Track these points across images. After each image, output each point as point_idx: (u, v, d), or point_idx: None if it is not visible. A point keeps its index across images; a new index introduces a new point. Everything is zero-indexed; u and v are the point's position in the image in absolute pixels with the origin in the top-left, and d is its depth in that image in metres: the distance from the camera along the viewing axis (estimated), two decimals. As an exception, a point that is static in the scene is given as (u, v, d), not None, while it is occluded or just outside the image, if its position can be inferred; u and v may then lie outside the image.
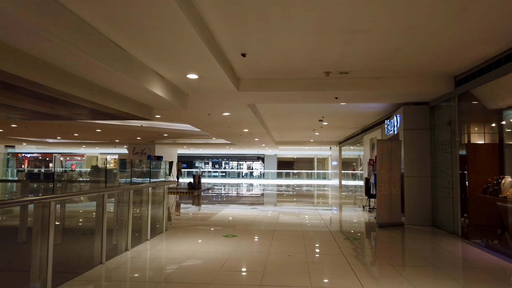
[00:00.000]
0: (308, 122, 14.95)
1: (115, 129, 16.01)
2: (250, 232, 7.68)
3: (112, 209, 6.23)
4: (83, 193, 6.44)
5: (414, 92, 8.12)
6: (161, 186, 7.57)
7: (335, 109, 11.69)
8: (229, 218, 9.67)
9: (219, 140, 25.47)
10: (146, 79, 6.06)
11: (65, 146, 31.40)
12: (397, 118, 9.73)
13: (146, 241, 6.64)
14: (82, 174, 30.39)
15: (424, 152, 8.93)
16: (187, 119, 12.64)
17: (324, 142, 24.86)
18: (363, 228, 8.61)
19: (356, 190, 19.78)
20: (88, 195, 5.76)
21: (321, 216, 10.16)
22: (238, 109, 10.37)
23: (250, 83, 7.92)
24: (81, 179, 28.43)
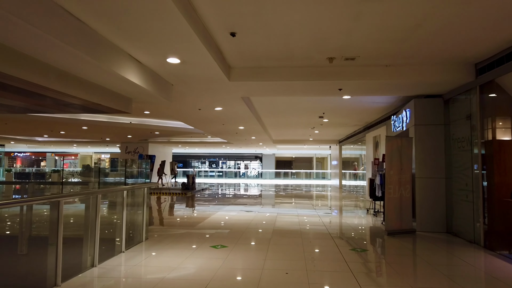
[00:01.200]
0: (307, 119, 14.01)
1: (102, 126, 15.05)
2: (243, 240, 6.73)
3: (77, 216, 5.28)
4: (23, 201, 5.15)
5: (427, 83, 7.18)
6: (140, 188, 6.62)
7: (337, 104, 10.75)
8: (222, 223, 8.72)
9: (215, 139, 24.54)
10: (117, 63, 5.11)
11: (56, 145, 30.39)
12: (407, 113, 8.80)
13: (120, 253, 5.69)
14: (73, 174, 29.40)
15: (438, 150, 8.00)
16: (177, 115, 11.69)
17: (324, 140, 23.94)
18: (370, 236, 7.68)
19: (357, 191, 18.86)
20: (34, 203, 4.71)
21: (322, 220, 9.23)
22: (231, 103, 9.42)
23: (243, 72, 6.98)
24: (73, 179, 27.41)
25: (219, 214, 10.32)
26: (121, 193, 5.76)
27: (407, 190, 7.79)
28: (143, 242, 6.49)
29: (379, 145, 13.73)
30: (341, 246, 6.31)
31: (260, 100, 10.17)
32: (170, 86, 7.26)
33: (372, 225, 8.84)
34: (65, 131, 17.57)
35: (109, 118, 14.64)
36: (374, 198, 10.66)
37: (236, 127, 14.80)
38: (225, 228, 8.02)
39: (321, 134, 20.17)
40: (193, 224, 8.64)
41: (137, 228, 6.52)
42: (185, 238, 6.95)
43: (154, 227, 8.24)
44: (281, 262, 5.34)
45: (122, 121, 14.99)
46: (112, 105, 6.21)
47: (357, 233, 7.85)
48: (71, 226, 6.42)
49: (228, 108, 10.09)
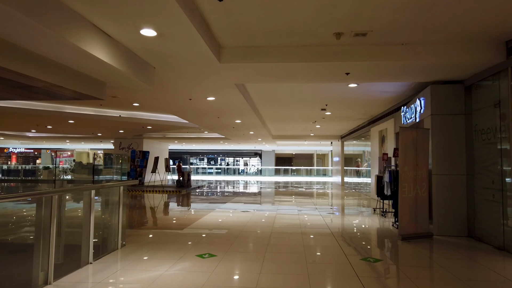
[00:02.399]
0: (309, 112, 13.05)
1: (89, 119, 14.10)
2: (236, 247, 5.79)
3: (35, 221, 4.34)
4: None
5: (449, 65, 6.22)
6: (115, 187, 5.67)
7: (341, 94, 9.79)
8: (214, 225, 7.78)
9: (212, 134, 23.60)
10: (78, 34, 4.15)
11: (49, 141, 29.44)
12: (421, 102, 7.84)
13: (87, 265, 4.75)
14: (66, 170, 28.49)
15: (458, 144, 7.05)
16: (167, 106, 10.73)
17: (325, 136, 22.99)
18: (382, 241, 6.73)
19: (361, 189, 17.92)
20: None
21: (325, 221, 8.30)
22: (224, 92, 8.46)
23: (236, 52, 6.01)
24: (64, 176, 26.50)
25: (213, 214, 9.38)
26: (88, 193, 4.81)
27: (423, 188, 6.85)
28: (118, 250, 5.55)
29: (385, 139, 12.78)
30: (350, 255, 5.37)
31: (257, 89, 9.21)
32: (152, 69, 6.29)
33: (382, 227, 7.90)
34: (52, 126, 16.61)
35: (96, 111, 13.70)
36: (382, 197, 9.71)
37: (233, 120, 13.84)
38: (217, 231, 7.08)
39: (323, 129, 19.22)
40: (182, 226, 7.70)
41: (111, 234, 5.58)
42: (170, 244, 6.01)
43: (137, 231, 7.31)
44: (279, 277, 4.40)
45: (110, 114, 14.05)
46: (80, 89, 5.25)
47: (366, 237, 6.92)
48: (26, 231, 5.48)
49: (221, 97, 9.13)
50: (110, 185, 5.54)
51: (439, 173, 7.05)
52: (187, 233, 7.00)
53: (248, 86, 8.78)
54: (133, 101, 11.54)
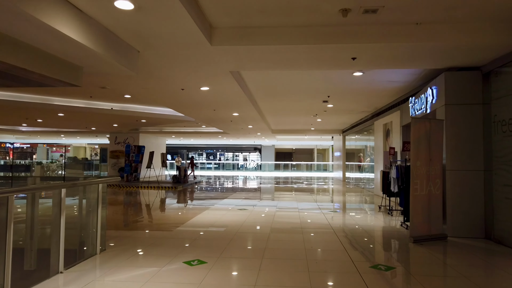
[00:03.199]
0: (310, 105, 12.39)
1: (79, 112, 13.44)
2: (229, 252, 5.18)
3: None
4: None
5: (466, 48, 5.56)
6: (93, 185, 5.03)
7: (345, 85, 9.13)
8: (208, 224, 7.17)
9: (210, 129, 22.96)
10: (38, 5, 3.49)
11: (44, 135, 28.80)
12: (433, 92, 7.19)
13: (56, 275, 4.13)
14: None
15: (474, 136, 6.41)
16: (160, 98, 10.07)
17: (327, 130, 22.34)
18: (391, 244, 6.12)
19: (363, 184, 17.31)
20: None
21: (328, 220, 7.68)
22: (219, 81, 7.81)
23: (229, 33, 5.36)
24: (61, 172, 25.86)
25: (208, 212, 8.76)
26: (57, 192, 4.17)
27: (436, 185, 6.22)
28: (96, 255, 4.93)
29: (390, 133, 12.14)
30: (358, 261, 4.75)
31: (254, 78, 8.55)
32: (135, 53, 5.63)
33: (389, 227, 7.29)
34: (42, 119, 15.95)
35: (86, 103, 13.05)
36: (389, 194, 9.10)
37: (230, 113, 13.19)
38: (210, 233, 6.47)
39: (324, 123, 18.57)
40: (173, 226, 7.08)
41: (89, 238, 4.95)
42: (156, 248, 5.39)
43: (123, 232, 6.69)
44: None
45: (102, 107, 13.39)
46: (50, 73, 4.60)
47: (374, 239, 6.30)
48: None
49: (216, 87, 8.47)
50: (84, 183, 4.91)
51: (454, 169, 6.42)
52: (178, 234, 6.38)
53: (244, 75, 8.13)
54: (124, 93, 10.89)
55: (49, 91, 11.20)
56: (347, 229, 7.00)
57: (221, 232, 6.55)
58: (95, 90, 10.72)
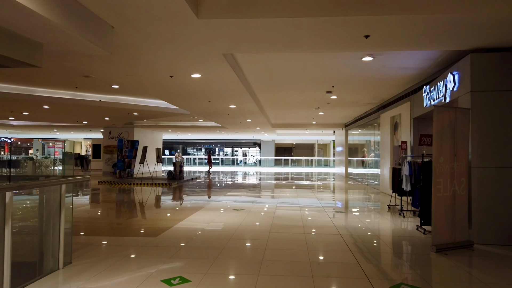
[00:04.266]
0: (312, 96, 11.50)
1: (65, 104, 12.56)
2: (219, 266, 4.33)
3: None
4: None
5: (500, 22, 4.69)
6: (54, 187, 4.16)
7: (352, 72, 8.25)
8: (197, 229, 6.32)
9: (208, 123, 22.12)
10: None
11: (36, 130, 27.94)
12: (454, 77, 6.32)
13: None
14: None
15: (506, 128, 5.55)
16: (147, 87, 9.19)
17: (328, 124, 21.47)
18: (410, 254, 5.26)
19: (366, 180, 16.47)
20: None
21: (334, 223, 6.83)
22: (211, 66, 6.93)
23: (219, 3, 4.47)
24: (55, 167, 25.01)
25: (200, 213, 7.92)
26: (2, 195, 3.31)
27: (462, 185, 5.36)
28: (59, 270, 4.08)
29: (398, 126, 11.28)
30: (376, 279, 3.90)
31: (251, 65, 7.66)
32: (108, 28, 4.74)
33: (404, 231, 6.44)
34: (27, 112, 15.06)
35: (72, 95, 12.17)
36: (400, 192, 8.26)
37: (226, 105, 12.31)
38: (199, 239, 5.62)
39: (326, 117, 17.70)
40: (158, 230, 6.23)
41: (48, 250, 4.10)
42: (133, 260, 4.54)
43: (101, 238, 5.85)
44: (277, 323, 2.93)
45: (89, 99, 12.51)
46: (2, 51, 3.73)
47: (389, 247, 5.45)
48: None
49: (209, 74, 7.60)
50: (36, 184, 4.04)
51: (480, 166, 5.56)
52: (162, 241, 5.53)
53: (240, 60, 7.24)
54: (110, 82, 10.01)
55: (30, 81, 10.32)
56: (356, 233, 6.15)
57: (212, 238, 5.71)
58: (80, 80, 9.85)
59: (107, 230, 6.45)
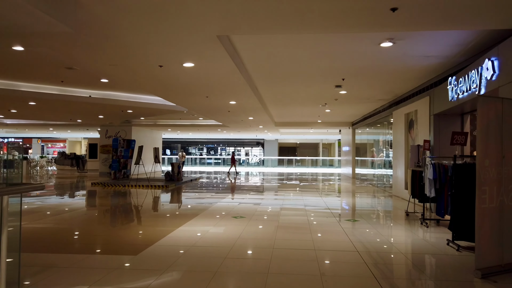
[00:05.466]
0: (319, 91, 10.51)
1: (53, 101, 11.64)
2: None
3: None
4: None
5: None
6: None
7: (366, 62, 7.25)
8: (186, 245, 5.35)
9: (208, 121, 21.19)
10: None
11: (32, 128, 27.07)
12: (493, 64, 5.31)
13: None
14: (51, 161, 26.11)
15: (562, 124, 4.53)
16: (137, 79, 8.24)
17: (335, 123, 20.47)
18: (448, 278, 4.25)
19: (376, 182, 15.46)
20: None
21: (349, 236, 5.84)
22: (205, 53, 5.96)
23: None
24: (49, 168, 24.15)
25: (193, 223, 6.95)
26: None
27: (510, 194, 4.35)
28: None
29: (414, 124, 10.27)
30: (415, 324, 2.91)
31: (252, 54, 6.66)
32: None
33: (433, 247, 5.43)
34: (14, 109, 14.15)
35: (59, 90, 11.25)
36: (421, 198, 7.26)
37: (226, 101, 11.34)
38: (187, 258, 4.65)
39: (333, 115, 16.70)
40: (140, 246, 5.26)
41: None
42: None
43: (64, 257, 4.87)
44: None
45: (78, 94, 11.58)
46: None
47: (421, 271, 4.45)
48: None
49: (203, 63, 6.62)
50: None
51: (531, 170, 4.55)
52: (141, 262, 4.55)
53: (239, 46, 6.24)
54: (98, 75, 9.09)
55: (11, 75, 9.41)
56: (376, 250, 5.16)
57: (204, 257, 4.74)
58: (64, 73, 8.93)
59: (80, 246, 5.47)
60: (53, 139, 43.48)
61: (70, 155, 23.58)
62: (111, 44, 5.57)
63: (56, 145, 44.86)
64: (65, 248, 5.22)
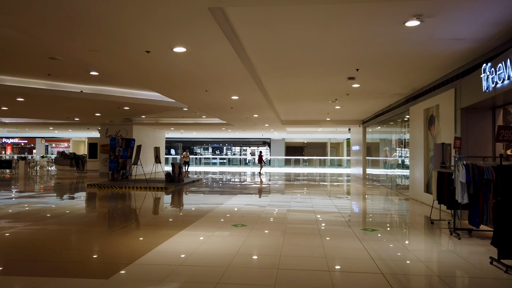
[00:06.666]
0: (330, 84, 9.53)
1: (41, 96, 10.82)
2: None
3: None
4: None
5: None
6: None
7: (385, 47, 6.28)
8: (172, 264, 4.43)
9: (212, 120, 20.33)
10: None
11: (32, 128, 26.42)
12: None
13: None
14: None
15: None
16: (121, 68, 7.32)
17: (344, 121, 19.48)
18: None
19: (389, 183, 14.43)
20: None
21: (369, 252, 4.88)
22: (196, 33, 5.03)
23: None
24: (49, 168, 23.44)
25: (185, 233, 6.03)
26: None
27: None
28: None
29: (435, 120, 9.27)
30: None
31: (252, 34, 5.70)
32: None
33: (473, 266, 4.45)
34: (4, 106, 13.36)
35: (48, 85, 10.42)
36: (450, 205, 6.27)
37: (227, 96, 10.41)
38: (168, 285, 3.73)
39: (343, 112, 15.70)
40: (113, 267, 4.35)
41: None
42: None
43: (22, 280, 3.98)
44: None
45: (68, 89, 10.74)
46: None
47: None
48: None
49: (195, 48, 5.69)
50: None
51: None
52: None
53: (236, 25, 5.29)
54: (86, 68, 8.23)
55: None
56: (403, 271, 4.20)
57: (191, 281, 3.81)
58: (49, 65, 8.11)
59: (43, 264, 4.52)
60: (57, 139, 42.96)
61: (70, 155, 22.81)
62: (87, 23, 4.67)
63: (60, 145, 44.31)
64: (23, 267, 4.31)
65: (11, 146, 46.06)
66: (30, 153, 45.18)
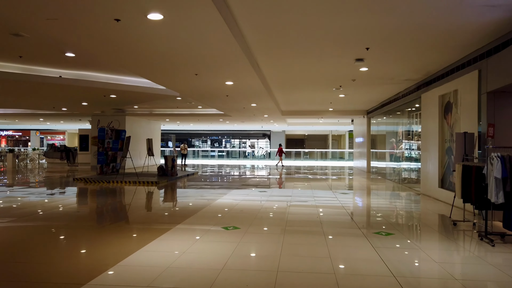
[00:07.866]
0: (335, 69, 8.51)
1: (16, 81, 9.79)
2: None
3: None
4: None
5: None
6: None
7: (402, 19, 5.26)
8: (146, 278, 3.47)
9: (209, 110, 19.34)
10: None
11: (21, 119, 25.43)
12: None
13: None
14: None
15: None
16: (87, 41, 6.29)
17: (347, 111, 18.44)
18: None
19: (397, 177, 13.45)
20: None
21: (387, 263, 3.93)
22: None
23: None
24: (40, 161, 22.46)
25: (168, 237, 5.08)
26: None
27: None
28: None
29: (453, 108, 8.27)
30: None
31: (250, 7, 4.70)
32: None
33: None
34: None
35: (21, 69, 9.40)
36: (480, 205, 5.28)
37: (221, 81, 9.38)
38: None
39: (347, 101, 14.68)
40: (80, 279, 3.39)
41: None
42: None
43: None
44: None
45: (44, 74, 9.72)
46: None
47: None
48: None
49: (175, 13, 4.66)
50: None
51: None
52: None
53: None
54: (60, 47, 7.22)
55: None
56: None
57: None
58: (17, 44, 7.10)
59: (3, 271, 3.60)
60: (52, 131, 41.99)
61: (60, 147, 21.83)
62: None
63: (55, 137, 43.33)
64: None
65: (6, 138, 45.10)
66: (25, 145, 44.25)
